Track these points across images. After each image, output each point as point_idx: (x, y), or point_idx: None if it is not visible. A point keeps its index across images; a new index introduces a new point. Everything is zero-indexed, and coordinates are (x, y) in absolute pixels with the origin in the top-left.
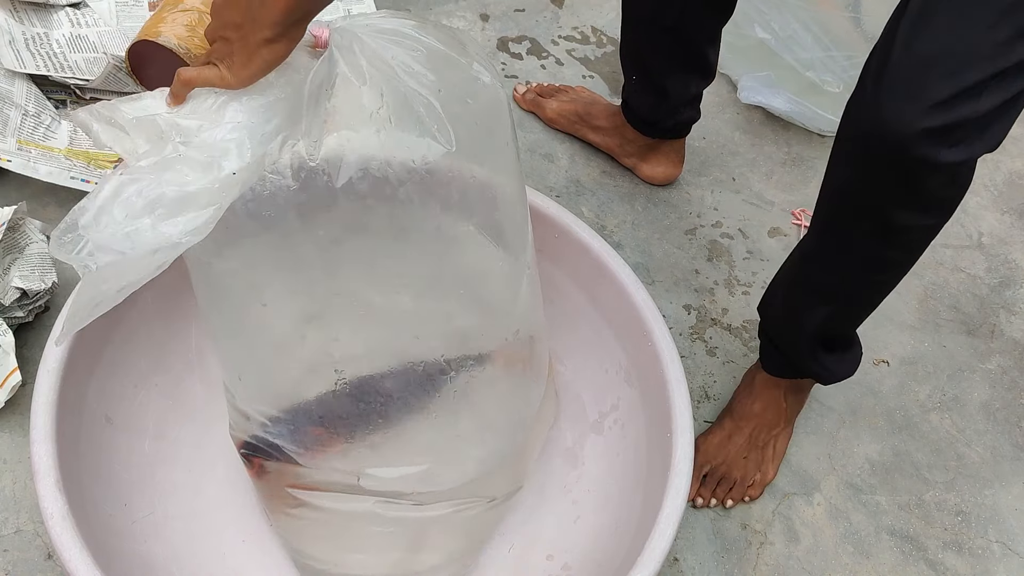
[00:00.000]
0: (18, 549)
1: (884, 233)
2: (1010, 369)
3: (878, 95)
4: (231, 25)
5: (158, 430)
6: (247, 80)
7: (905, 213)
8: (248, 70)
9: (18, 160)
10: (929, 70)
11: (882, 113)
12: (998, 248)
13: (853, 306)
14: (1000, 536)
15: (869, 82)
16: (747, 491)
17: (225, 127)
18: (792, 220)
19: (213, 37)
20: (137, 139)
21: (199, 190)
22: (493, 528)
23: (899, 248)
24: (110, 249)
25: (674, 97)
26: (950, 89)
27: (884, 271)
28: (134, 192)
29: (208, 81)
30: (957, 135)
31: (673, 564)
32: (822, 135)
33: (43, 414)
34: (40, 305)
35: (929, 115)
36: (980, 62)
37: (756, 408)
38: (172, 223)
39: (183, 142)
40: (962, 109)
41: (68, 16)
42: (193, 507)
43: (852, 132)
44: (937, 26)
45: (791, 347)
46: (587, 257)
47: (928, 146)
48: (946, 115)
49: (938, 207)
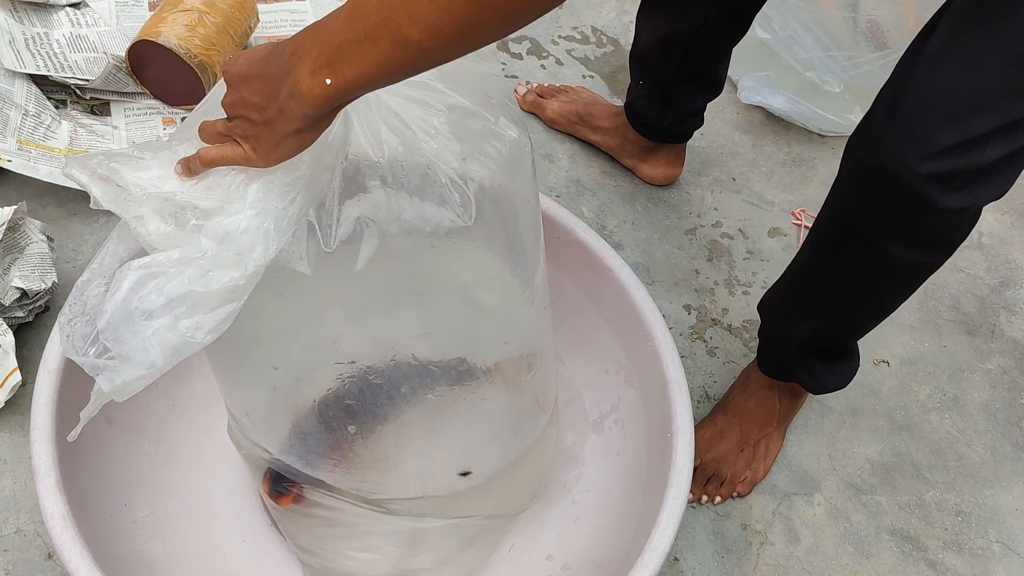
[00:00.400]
0: (18, 549)
1: (876, 262)
2: (1010, 369)
3: (887, 130)
4: (253, 107)
5: (158, 430)
6: (274, 163)
7: (900, 247)
8: (275, 155)
9: (18, 160)
10: (938, 115)
11: (888, 149)
12: (998, 248)
13: (841, 323)
14: (1000, 536)
15: (880, 115)
16: (736, 488)
17: (247, 213)
18: (792, 220)
19: (233, 113)
20: (144, 210)
21: (222, 288)
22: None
23: (890, 278)
24: (129, 359)
25: (680, 107)
26: (956, 137)
27: (874, 297)
28: (153, 288)
29: (232, 161)
30: (960, 182)
31: (673, 564)
32: (822, 135)
33: (43, 414)
34: (40, 305)
35: (933, 160)
36: (987, 114)
37: (749, 405)
38: (194, 321)
39: (202, 224)
40: (967, 157)
41: (68, 16)
42: (193, 507)
43: (858, 160)
44: (951, 71)
45: (782, 349)
46: (587, 257)
47: (930, 189)
48: (950, 162)
49: (935, 247)
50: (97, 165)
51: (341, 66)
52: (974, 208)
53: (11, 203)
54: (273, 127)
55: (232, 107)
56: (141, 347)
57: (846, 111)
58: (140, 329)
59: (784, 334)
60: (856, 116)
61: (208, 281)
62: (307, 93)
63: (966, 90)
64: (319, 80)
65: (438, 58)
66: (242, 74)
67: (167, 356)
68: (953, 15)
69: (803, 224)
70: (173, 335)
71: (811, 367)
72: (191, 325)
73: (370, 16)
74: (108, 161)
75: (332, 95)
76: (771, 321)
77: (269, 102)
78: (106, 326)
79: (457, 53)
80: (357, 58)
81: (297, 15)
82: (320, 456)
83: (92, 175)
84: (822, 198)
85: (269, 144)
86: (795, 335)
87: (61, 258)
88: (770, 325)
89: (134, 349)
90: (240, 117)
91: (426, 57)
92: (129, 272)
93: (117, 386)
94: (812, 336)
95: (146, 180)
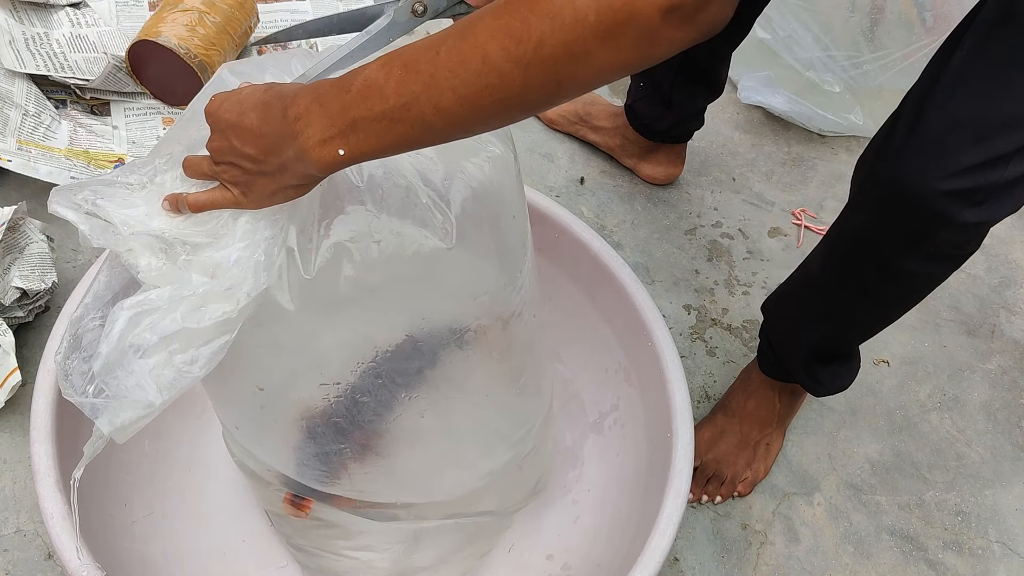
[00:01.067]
0: (18, 549)
1: (887, 277)
2: (1010, 369)
3: (910, 147)
4: (247, 158)
5: (158, 430)
6: (265, 206)
7: (914, 261)
8: (269, 202)
9: (18, 160)
10: (962, 135)
11: (908, 167)
12: (998, 248)
13: (849, 329)
14: (1000, 536)
15: (899, 133)
16: (736, 488)
17: (238, 246)
18: (792, 220)
19: (221, 159)
20: (134, 245)
21: (215, 323)
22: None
23: (902, 290)
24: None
25: (680, 109)
26: (980, 156)
27: (884, 306)
28: (147, 326)
29: (222, 206)
30: (979, 197)
31: (673, 564)
32: (822, 135)
33: (43, 414)
34: (40, 305)
35: (955, 178)
36: (1011, 132)
37: (750, 406)
38: (188, 356)
39: (192, 259)
40: (989, 175)
41: (68, 16)
42: (193, 507)
43: (875, 176)
44: (975, 91)
45: (787, 354)
46: (587, 257)
47: (948, 205)
48: (972, 179)
49: (948, 260)
50: (83, 201)
51: (356, 140)
52: (991, 222)
53: (11, 203)
54: (271, 179)
55: (220, 153)
56: (137, 385)
57: (846, 111)
58: (136, 368)
59: (790, 340)
60: (856, 116)
61: (201, 316)
62: (318, 160)
63: (993, 109)
64: (331, 150)
65: (458, 138)
66: (231, 123)
67: (164, 393)
68: (978, 31)
69: (803, 224)
70: (168, 371)
71: (813, 370)
72: (186, 360)
73: (389, 99)
74: (95, 197)
75: (345, 163)
76: (777, 325)
77: (268, 157)
78: (102, 368)
79: (476, 134)
80: (374, 135)
81: (297, 15)
82: (311, 468)
83: (79, 211)
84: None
85: (264, 192)
86: (801, 342)
87: (61, 258)
88: (775, 329)
89: (131, 387)
90: (230, 164)
91: (445, 138)
92: (122, 312)
93: (117, 427)
94: (817, 343)
95: (134, 218)
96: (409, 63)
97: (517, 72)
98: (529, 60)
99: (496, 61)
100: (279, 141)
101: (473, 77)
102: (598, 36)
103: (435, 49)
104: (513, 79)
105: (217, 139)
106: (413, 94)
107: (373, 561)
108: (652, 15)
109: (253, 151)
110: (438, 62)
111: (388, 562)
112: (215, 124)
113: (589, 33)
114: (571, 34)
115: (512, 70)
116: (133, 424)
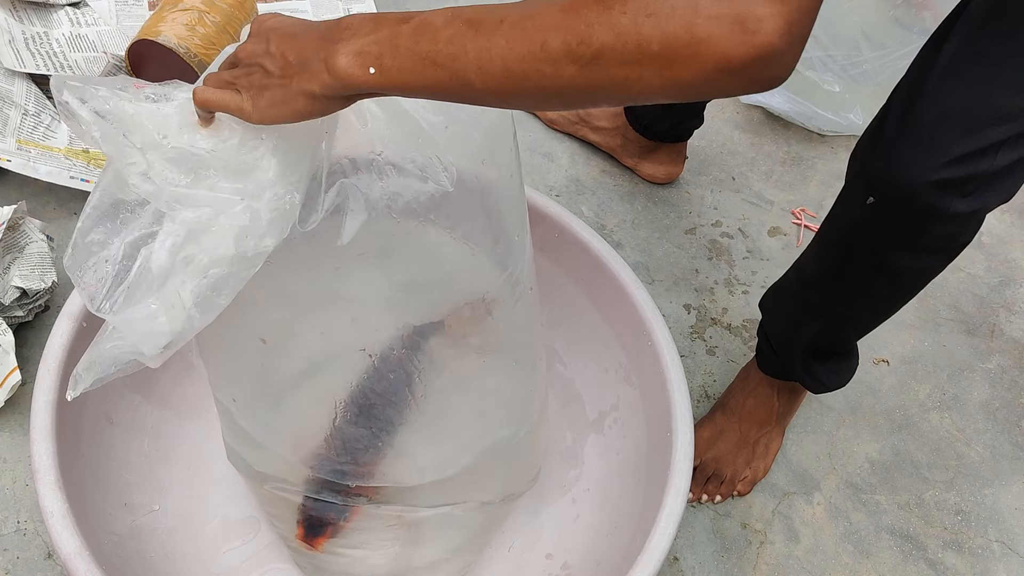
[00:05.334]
0: (18, 548)
1: (880, 271)
2: (1010, 368)
3: (901, 140)
4: (275, 58)
5: (158, 430)
6: (268, 121)
7: (904, 256)
8: (272, 112)
9: (18, 160)
10: (952, 126)
11: (898, 159)
12: (998, 247)
13: (845, 326)
14: (1000, 535)
15: (890, 126)
16: (736, 487)
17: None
18: (792, 219)
19: (249, 61)
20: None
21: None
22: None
23: (896, 285)
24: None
25: (680, 108)
26: (970, 146)
27: (879, 301)
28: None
29: (225, 107)
30: (969, 187)
31: (673, 563)
32: (822, 134)
33: (43, 413)
34: (40, 304)
35: (945, 168)
36: (1002, 123)
37: (748, 405)
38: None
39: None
40: (979, 164)
41: (68, 15)
42: (193, 506)
43: (867, 170)
44: (964, 83)
45: (785, 351)
46: (587, 256)
47: (939, 196)
48: (963, 169)
49: (940, 253)
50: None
51: (391, 67)
52: (982, 212)
53: (11, 202)
54: (287, 84)
55: (250, 55)
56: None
57: (846, 110)
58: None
59: (787, 336)
60: (856, 115)
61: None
62: (345, 68)
63: (984, 101)
64: (363, 63)
65: (488, 104)
66: (275, 27)
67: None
68: (967, 23)
69: (803, 223)
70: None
71: (811, 367)
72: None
73: (439, 44)
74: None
75: (366, 84)
76: (774, 322)
77: (296, 56)
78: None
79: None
80: (410, 70)
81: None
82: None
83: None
84: (822, 197)
85: (273, 100)
86: (798, 338)
87: (61, 257)
88: (772, 326)
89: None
90: (255, 66)
91: (477, 99)
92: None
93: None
94: (814, 339)
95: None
96: (472, 20)
97: (571, 69)
98: (585, 63)
99: (554, 52)
100: (317, 43)
101: (527, 56)
102: (656, 67)
103: (499, 17)
104: (564, 73)
105: (252, 43)
106: (464, 49)
107: (369, 559)
108: (714, 63)
109: (285, 50)
110: (498, 30)
111: (386, 559)
112: (259, 30)
113: (648, 61)
114: (630, 56)
115: (567, 66)
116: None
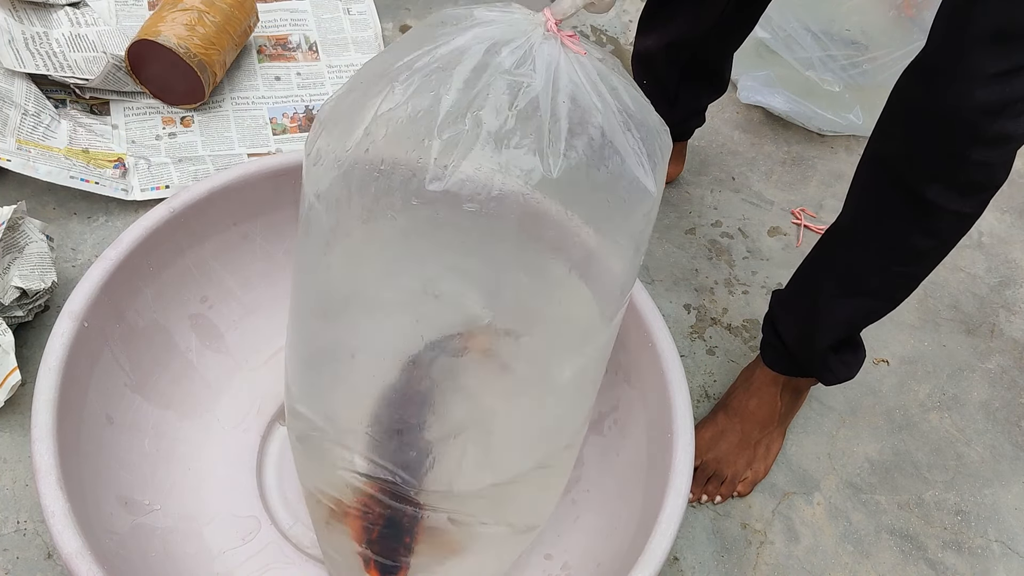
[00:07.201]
0: (18, 548)
1: (914, 211)
2: (1010, 368)
3: (939, 65)
4: None
5: (158, 429)
6: None
7: (939, 189)
8: None
9: (17, 160)
10: (986, 47)
11: (937, 83)
12: (998, 247)
13: (877, 299)
14: (1000, 536)
15: (930, 50)
16: (736, 488)
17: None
18: (792, 219)
19: None
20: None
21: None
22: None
23: (927, 234)
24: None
25: (684, 107)
26: (1005, 64)
27: (911, 261)
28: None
29: None
30: (1014, 109)
31: (673, 564)
32: (822, 134)
33: (44, 413)
34: (40, 304)
35: (985, 87)
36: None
37: (751, 405)
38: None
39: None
40: (1016, 84)
41: (68, 15)
42: (193, 506)
43: (904, 100)
44: (993, 6)
45: (801, 342)
46: None
47: (980, 116)
48: (1001, 89)
49: (972, 190)
50: None
51: None
52: (1017, 139)
53: (11, 202)
54: None
55: None
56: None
57: (846, 110)
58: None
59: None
60: (856, 115)
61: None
62: None
63: (1013, 21)
64: None
65: None
66: None
67: None
68: None
69: (803, 223)
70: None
71: (828, 358)
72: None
73: None
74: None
75: None
76: (793, 310)
77: None
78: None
79: None
80: None
81: (297, 15)
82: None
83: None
84: (822, 197)
85: None
86: (826, 321)
87: (61, 257)
88: (789, 317)
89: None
90: None
91: None
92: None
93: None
94: (844, 322)
95: None
96: None
97: None
98: None
99: None
100: None
101: None
102: None
103: None
104: None
105: None
106: None
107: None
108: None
109: None
110: None
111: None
112: None
113: None
114: None
115: None
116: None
